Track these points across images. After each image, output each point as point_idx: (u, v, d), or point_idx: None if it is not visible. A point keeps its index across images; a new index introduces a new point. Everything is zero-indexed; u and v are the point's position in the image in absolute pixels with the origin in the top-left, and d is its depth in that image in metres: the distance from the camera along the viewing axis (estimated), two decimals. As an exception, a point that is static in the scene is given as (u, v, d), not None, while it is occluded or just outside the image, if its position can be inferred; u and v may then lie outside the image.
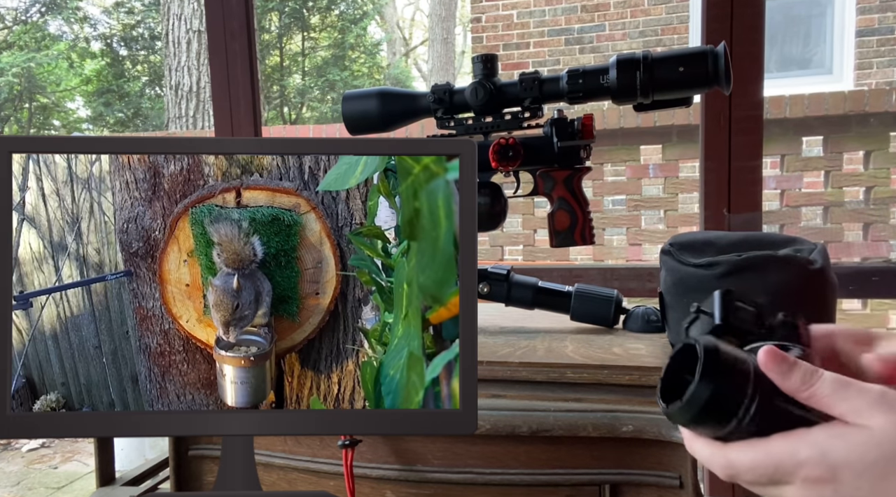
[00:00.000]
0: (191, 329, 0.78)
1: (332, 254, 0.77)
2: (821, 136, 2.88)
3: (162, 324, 0.78)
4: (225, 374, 0.76)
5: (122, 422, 0.72)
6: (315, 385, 0.76)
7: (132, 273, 0.76)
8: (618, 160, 3.16)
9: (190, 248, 0.76)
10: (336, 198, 0.76)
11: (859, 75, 4.57)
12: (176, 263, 0.77)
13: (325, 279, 0.77)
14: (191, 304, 0.77)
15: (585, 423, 0.81)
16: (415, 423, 0.71)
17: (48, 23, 9.89)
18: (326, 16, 10.28)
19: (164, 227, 0.77)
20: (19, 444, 3.54)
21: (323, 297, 0.77)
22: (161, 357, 0.77)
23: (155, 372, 0.76)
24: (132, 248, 0.76)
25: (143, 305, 0.77)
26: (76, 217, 0.75)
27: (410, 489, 0.87)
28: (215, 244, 0.75)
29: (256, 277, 0.77)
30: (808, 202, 2.94)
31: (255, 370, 0.76)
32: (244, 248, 0.76)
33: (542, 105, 0.99)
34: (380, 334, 0.75)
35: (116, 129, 9.88)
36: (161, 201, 0.75)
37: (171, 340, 0.78)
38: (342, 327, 0.77)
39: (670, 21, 4.88)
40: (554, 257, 3.24)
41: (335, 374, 0.76)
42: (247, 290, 0.77)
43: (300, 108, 10.23)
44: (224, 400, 0.75)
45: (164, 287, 0.77)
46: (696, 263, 0.86)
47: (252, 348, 0.77)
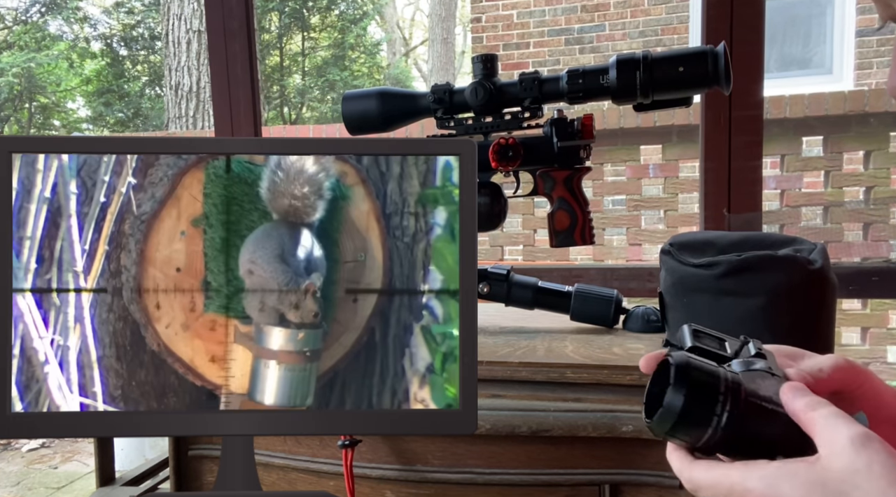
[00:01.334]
0: (169, 340, 0.62)
1: (381, 246, 0.64)
2: (821, 136, 2.88)
3: (125, 329, 0.61)
4: (263, 368, 0.65)
5: (122, 422, 0.72)
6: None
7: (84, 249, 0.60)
8: (618, 160, 3.16)
9: (195, 214, 0.62)
10: (386, 173, 0.64)
11: (859, 75, 4.57)
12: (169, 236, 0.61)
13: (366, 281, 0.64)
14: (178, 300, 0.62)
15: (585, 423, 0.81)
16: (415, 423, 0.71)
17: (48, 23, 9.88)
18: (326, 16, 10.27)
19: (165, 183, 0.61)
20: (19, 444, 3.54)
21: (362, 306, 0.63)
22: (114, 376, 0.61)
23: (103, 396, 0.61)
24: (103, 205, 0.60)
25: (101, 298, 0.61)
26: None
27: (410, 489, 0.87)
28: (261, 189, 0.61)
29: (309, 241, 0.62)
30: (808, 202, 2.94)
31: (301, 369, 0.64)
32: (302, 189, 0.61)
33: (542, 105, 0.99)
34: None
35: (116, 129, 9.88)
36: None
37: (137, 355, 0.60)
38: (378, 364, 0.64)
39: (670, 21, 4.87)
40: (554, 257, 3.24)
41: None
42: (301, 252, 0.62)
43: (300, 108, 10.23)
44: (255, 396, 0.65)
45: (144, 270, 0.61)
46: (696, 263, 0.86)
47: (302, 338, 0.62)
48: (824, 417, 0.41)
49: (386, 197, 0.65)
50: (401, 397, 0.67)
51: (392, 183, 0.65)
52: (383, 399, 0.67)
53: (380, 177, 0.65)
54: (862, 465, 0.38)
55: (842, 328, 2.82)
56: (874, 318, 2.81)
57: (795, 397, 0.43)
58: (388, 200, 0.65)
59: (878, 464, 0.38)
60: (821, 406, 0.42)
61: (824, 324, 0.85)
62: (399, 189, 0.64)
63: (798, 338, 0.83)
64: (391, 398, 0.67)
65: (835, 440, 0.40)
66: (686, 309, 0.88)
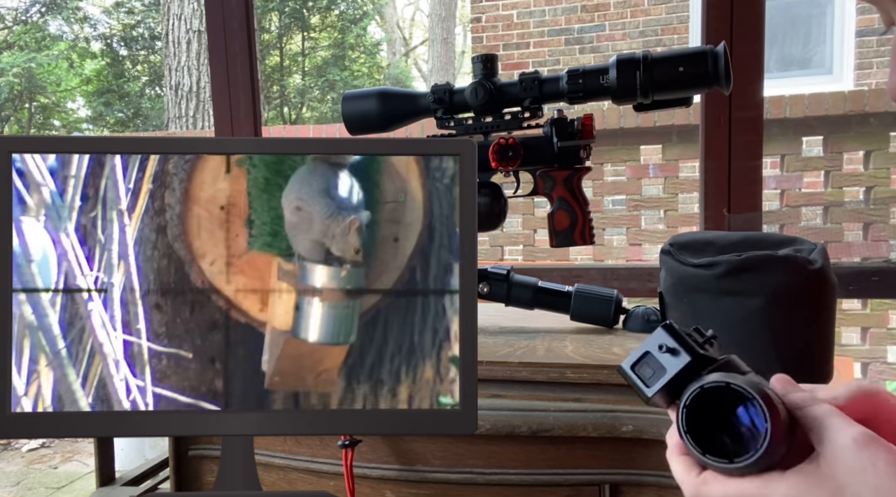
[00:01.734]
0: (213, 277, 0.62)
1: (421, 188, 0.64)
2: (821, 136, 2.88)
3: (169, 266, 0.61)
4: (304, 306, 0.64)
5: (122, 422, 0.72)
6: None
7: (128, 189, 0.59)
8: (618, 160, 3.16)
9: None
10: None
11: (859, 75, 4.57)
12: (213, 175, 0.61)
13: (406, 221, 0.63)
14: (223, 237, 0.62)
15: (585, 423, 0.81)
16: (415, 423, 0.71)
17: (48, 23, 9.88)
18: (326, 16, 10.27)
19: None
20: (19, 444, 3.54)
21: (402, 246, 0.63)
22: (158, 313, 0.61)
23: (147, 333, 0.62)
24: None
25: (145, 235, 0.61)
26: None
27: (410, 489, 0.87)
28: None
29: (351, 180, 0.62)
30: (808, 202, 2.94)
31: (344, 306, 0.62)
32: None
33: (542, 105, 0.99)
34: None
35: (116, 129, 9.88)
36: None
37: (182, 291, 0.61)
38: (419, 303, 0.63)
39: (670, 21, 4.87)
40: (554, 257, 3.24)
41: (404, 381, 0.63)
42: (344, 189, 0.62)
43: (300, 108, 10.23)
44: (299, 333, 0.63)
45: (188, 208, 0.61)
46: (696, 263, 0.86)
47: (345, 276, 0.61)
48: (822, 415, 0.42)
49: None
50: (441, 336, 0.67)
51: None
52: (425, 338, 0.67)
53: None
54: (867, 462, 0.39)
55: (842, 328, 2.82)
56: (874, 318, 2.81)
57: (787, 392, 0.44)
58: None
59: (881, 460, 0.38)
60: (817, 402, 0.43)
61: (824, 324, 0.85)
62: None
63: (798, 338, 0.83)
64: (432, 337, 0.67)
65: (835, 439, 0.40)
66: (686, 309, 0.88)
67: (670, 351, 0.46)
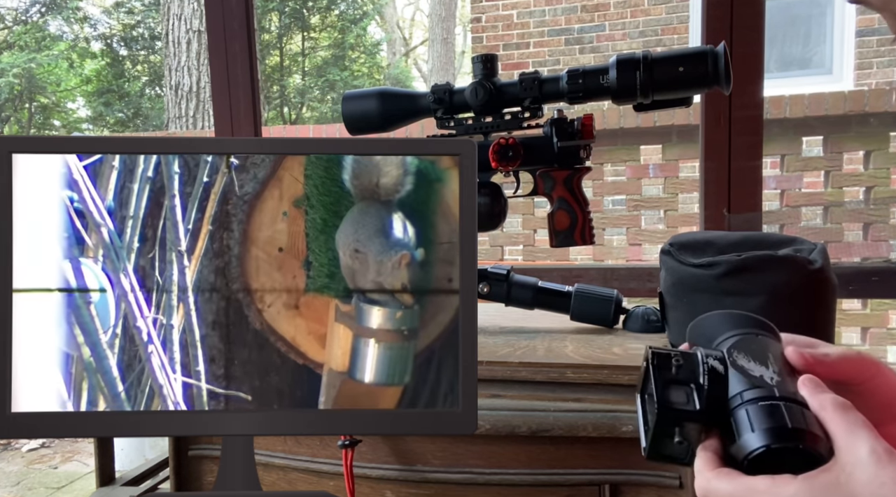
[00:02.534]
0: (272, 319, 0.62)
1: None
2: (821, 136, 2.88)
3: (228, 308, 0.61)
4: (361, 347, 0.64)
5: (122, 422, 0.72)
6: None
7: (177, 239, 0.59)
8: (618, 160, 3.15)
9: (297, 194, 0.61)
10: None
11: (859, 75, 4.57)
12: (271, 217, 0.61)
13: (458, 261, 0.63)
14: (281, 279, 0.62)
15: (585, 423, 0.81)
16: (415, 423, 0.71)
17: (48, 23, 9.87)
18: (326, 16, 10.26)
19: (267, 164, 0.60)
20: (19, 444, 3.54)
21: (456, 285, 0.62)
22: (217, 355, 0.61)
23: (206, 375, 0.61)
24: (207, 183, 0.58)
25: (204, 277, 0.61)
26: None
27: (410, 489, 0.87)
28: (359, 171, 0.60)
29: (406, 220, 0.63)
30: (808, 202, 2.93)
31: (399, 347, 0.63)
32: (399, 170, 0.61)
33: (542, 105, 0.99)
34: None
35: (117, 129, 9.88)
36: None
37: (240, 332, 0.60)
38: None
39: (670, 21, 4.87)
40: (554, 257, 3.24)
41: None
42: (399, 229, 0.62)
43: (300, 108, 10.23)
44: (355, 374, 0.63)
45: (247, 250, 0.61)
46: (696, 263, 0.86)
47: (400, 317, 0.61)
48: (848, 422, 0.41)
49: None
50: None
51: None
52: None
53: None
54: (888, 478, 0.38)
55: (842, 328, 2.82)
56: (874, 318, 2.81)
57: (818, 391, 0.43)
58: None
59: None
60: (847, 408, 0.42)
61: (824, 324, 0.85)
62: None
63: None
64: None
65: (857, 449, 0.40)
66: (686, 309, 0.88)
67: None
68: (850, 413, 0.42)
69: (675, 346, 0.89)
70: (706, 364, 0.46)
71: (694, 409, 0.45)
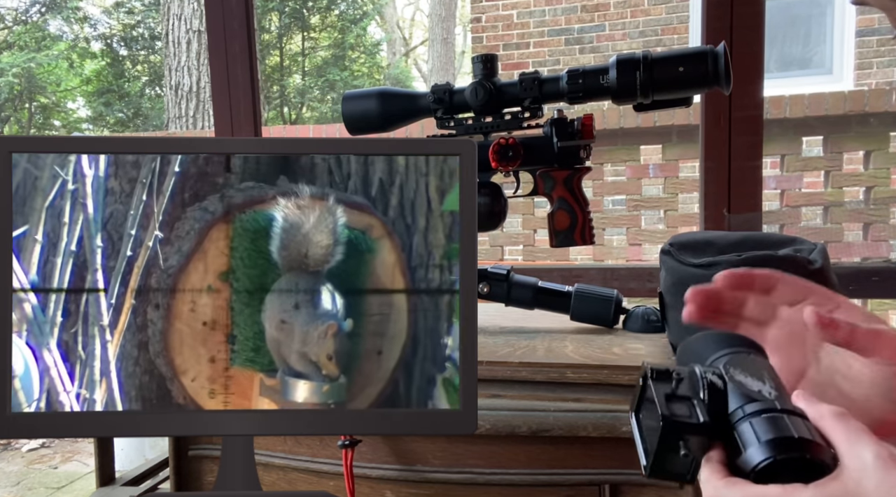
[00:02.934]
0: (196, 393, 0.61)
1: (406, 300, 0.63)
2: (821, 136, 2.88)
3: (151, 382, 0.59)
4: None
5: (122, 422, 0.72)
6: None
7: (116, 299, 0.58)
8: (618, 160, 3.15)
9: (222, 268, 0.61)
10: (412, 226, 0.63)
11: (859, 75, 4.57)
12: (196, 290, 0.60)
13: (390, 334, 0.63)
14: (205, 353, 0.61)
15: (585, 423, 0.81)
16: (415, 423, 0.71)
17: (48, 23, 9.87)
18: (326, 16, 10.26)
19: (190, 237, 0.60)
20: (19, 444, 3.54)
21: (386, 359, 0.63)
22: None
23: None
24: (131, 259, 0.59)
25: (127, 351, 0.60)
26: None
27: (410, 489, 0.86)
28: (287, 242, 0.60)
29: (335, 292, 0.62)
30: (808, 202, 2.93)
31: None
32: (328, 241, 0.61)
33: (542, 105, 0.99)
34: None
35: (116, 129, 9.88)
36: (175, 201, 0.60)
37: (164, 409, 0.59)
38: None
39: (670, 21, 4.87)
40: (554, 257, 3.24)
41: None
42: (327, 300, 0.62)
43: (300, 108, 10.23)
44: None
45: (171, 324, 0.60)
46: (696, 263, 0.86)
47: (327, 391, 0.60)
48: (849, 430, 0.41)
49: (412, 250, 0.64)
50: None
51: (418, 236, 0.64)
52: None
53: (405, 230, 0.65)
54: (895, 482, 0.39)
55: (842, 328, 2.81)
56: (874, 318, 2.80)
57: (814, 402, 0.44)
58: (413, 253, 0.65)
59: None
60: (846, 415, 0.42)
61: (824, 324, 0.84)
62: (425, 242, 0.64)
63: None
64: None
65: (862, 456, 0.40)
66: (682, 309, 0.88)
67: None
68: (849, 421, 0.42)
69: (675, 346, 0.89)
70: (705, 379, 0.47)
71: (698, 421, 0.45)
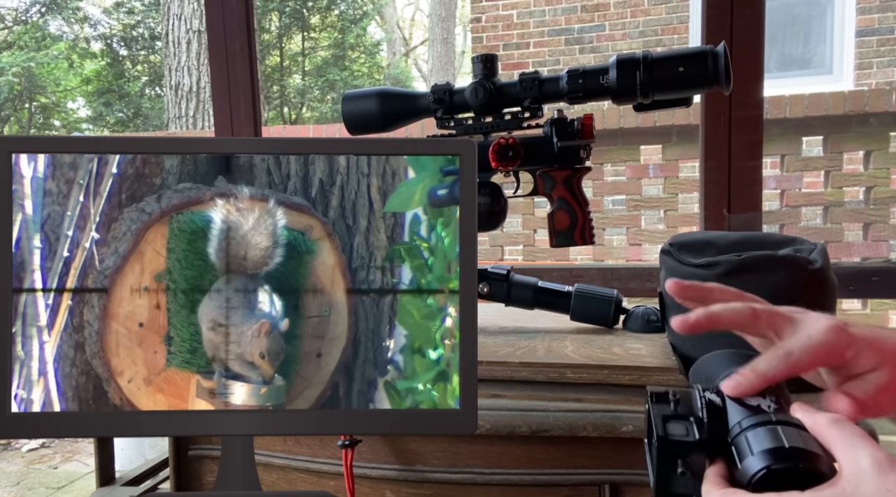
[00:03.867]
0: (132, 394, 0.60)
1: (346, 302, 0.62)
2: (821, 136, 2.88)
3: (88, 383, 0.59)
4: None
5: (122, 422, 0.72)
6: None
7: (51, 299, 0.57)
8: (618, 160, 3.15)
9: (158, 269, 0.60)
10: (353, 227, 0.63)
11: (859, 75, 4.57)
12: (132, 291, 0.60)
13: (330, 336, 0.63)
14: (141, 354, 0.60)
15: (585, 423, 0.81)
16: (415, 423, 0.71)
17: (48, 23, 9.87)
18: (326, 16, 10.26)
19: (127, 238, 0.59)
20: (19, 444, 3.54)
21: (326, 361, 0.62)
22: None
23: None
24: (66, 258, 0.57)
25: (64, 352, 0.59)
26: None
27: (410, 489, 0.86)
28: (224, 243, 0.60)
29: (273, 294, 0.62)
30: (808, 202, 2.93)
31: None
32: (267, 243, 0.60)
33: (542, 105, 0.99)
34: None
35: (117, 129, 9.88)
36: (112, 202, 0.59)
37: (100, 410, 0.58)
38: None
39: (670, 21, 4.87)
40: (554, 257, 3.24)
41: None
42: (265, 303, 0.61)
43: (300, 108, 10.23)
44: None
45: (107, 325, 0.59)
46: (696, 263, 0.86)
47: (265, 393, 0.60)
48: (847, 435, 0.42)
49: (352, 251, 0.64)
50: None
51: (359, 237, 0.64)
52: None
53: (346, 231, 0.64)
54: (893, 486, 0.39)
55: (842, 328, 2.81)
56: (874, 318, 2.81)
57: (811, 412, 0.44)
58: (354, 255, 0.64)
59: None
60: (842, 422, 0.43)
61: (824, 324, 0.84)
62: (366, 243, 0.63)
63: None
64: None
65: (859, 461, 0.40)
66: (686, 309, 0.88)
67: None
68: (845, 426, 0.43)
69: (674, 345, 0.89)
70: (704, 398, 0.47)
71: (694, 439, 0.46)
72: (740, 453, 0.44)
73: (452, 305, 0.64)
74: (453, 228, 0.64)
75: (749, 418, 0.45)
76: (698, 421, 0.46)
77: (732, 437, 0.45)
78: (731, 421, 0.46)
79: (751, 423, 0.45)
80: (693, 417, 0.47)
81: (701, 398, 0.47)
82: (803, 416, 0.45)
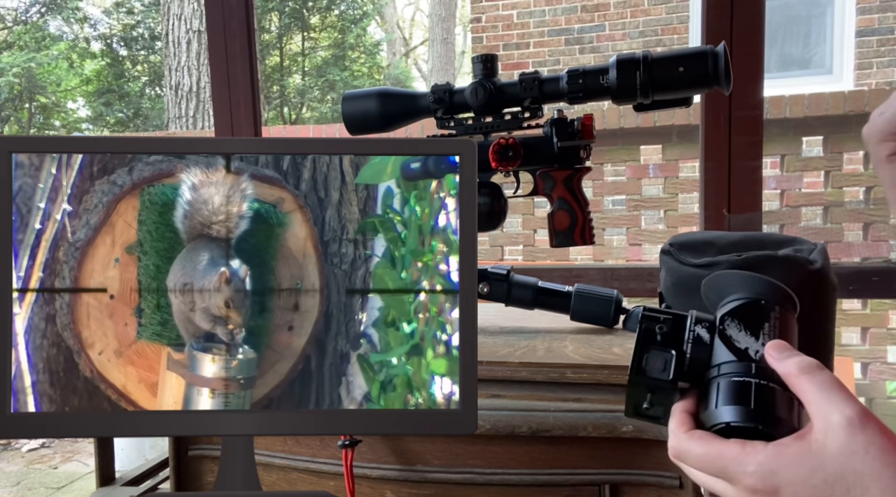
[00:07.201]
0: (102, 367, 0.60)
1: (318, 274, 0.62)
2: (821, 136, 2.88)
3: (59, 355, 0.59)
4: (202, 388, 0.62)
5: (122, 422, 0.72)
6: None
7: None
8: (618, 160, 3.15)
9: (129, 241, 0.60)
10: (325, 200, 0.62)
11: (859, 75, 4.57)
12: (103, 263, 0.60)
13: (302, 309, 0.62)
14: (112, 326, 0.60)
15: (585, 423, 0.81)
16: (415, 423, 0.71)
17: (48, 23, 9.87)
18: (326, 16, 10.26)
19: (98, 210, 0.58)
20: (19, 444, 3.54)
21: (297, 334, 0.62)
22: (48, 403, 0.59)
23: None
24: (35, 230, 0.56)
25: (34, 324, 0.59)
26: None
27: (410, 489, 0.87)
28: (197, 215, 0.59)
29: (244, 266, 0.61)
30: (808, 202, 2.93)
31: (235, 396, 0.62)
32: (238, 214, 0.59)
33: (542, 105, 0.99)
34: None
35: (117, 129, 9.88)
36: (83, 174, 0.58)
37: (71, 381, 0.59)
38: (313, 393, 0.62)
39: (670, 21, 4.87)
40: (554, 257, 3.24)
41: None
42: (236, 267, 0.60)
43: (300, 108, 10.23)
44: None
45: (78, 297, 0.59)
46: (696, 263, 0.86)
47: (236, 366, 0.60)
48: (818, 387, 0.41)
49: (324, 224, 0.63)
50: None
51: (331, 209, 0.63)
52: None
53: (318, 203, 0.63)
54: (859, 447, 0.38)
55: (842, 328, 2.82)
56: (874, 318, 2.81)
57: (783, 357, 0.43)
58: (326, 227, 0.63)
59: (875, 446, 0.38)
60: (814, 370, 0.42)
61: (824, 324, 0.84)
62: (338, 216, 0.63)
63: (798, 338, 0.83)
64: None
65: (829, 416, 0.39)
66: (686, 309, 0.88)
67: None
68: (817, 376, 0.41)
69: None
70: (693, 331, 0.47)
71: (666, 379, 0.46)
72: (709, 399, 0.44)
73: (426, 279, 0.63)
74: (427, 202, 0.63)
75: (729, 365, 0.45)
76: (679, 356, 0.46)
77: (709, 378, 0.45)
78: (714, 359, 0.46)
79: (728, 370, 0.44)
80: (676, 351, 0.46)
81: (690, 331, 0.47)
82: (775, 364, 0.43)
